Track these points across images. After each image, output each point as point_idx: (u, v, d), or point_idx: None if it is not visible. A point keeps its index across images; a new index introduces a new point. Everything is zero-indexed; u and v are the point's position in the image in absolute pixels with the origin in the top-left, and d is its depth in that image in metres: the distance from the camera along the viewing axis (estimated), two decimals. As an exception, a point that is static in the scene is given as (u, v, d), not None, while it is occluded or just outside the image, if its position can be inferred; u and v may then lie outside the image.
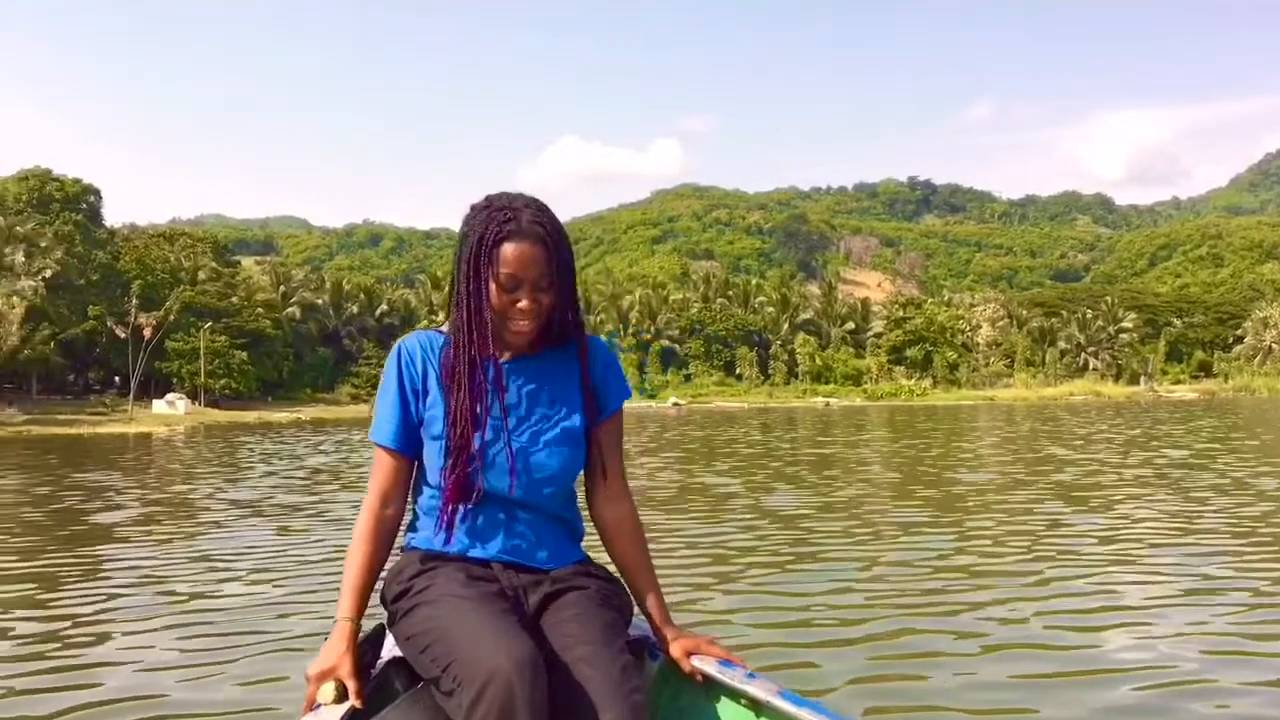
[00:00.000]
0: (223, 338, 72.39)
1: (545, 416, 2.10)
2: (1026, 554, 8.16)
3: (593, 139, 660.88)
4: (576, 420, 2.13)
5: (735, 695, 2.05)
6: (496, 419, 2.05)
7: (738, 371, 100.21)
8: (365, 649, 2.02)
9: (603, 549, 2.25)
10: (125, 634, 5.82)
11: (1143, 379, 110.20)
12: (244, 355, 73.16)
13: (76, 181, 75.01)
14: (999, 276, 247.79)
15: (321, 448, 28.54)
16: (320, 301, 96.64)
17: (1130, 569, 7.51)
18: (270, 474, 18.56)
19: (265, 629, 5.81)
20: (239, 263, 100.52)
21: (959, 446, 23.75)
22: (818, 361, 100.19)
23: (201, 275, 79.56)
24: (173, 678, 4.85)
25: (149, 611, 6.38)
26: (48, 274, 60.79)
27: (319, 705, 1.89)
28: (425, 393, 2.08)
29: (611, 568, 2.22)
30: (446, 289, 2.58)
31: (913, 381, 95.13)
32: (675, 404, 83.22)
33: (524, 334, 2.05)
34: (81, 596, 7.02)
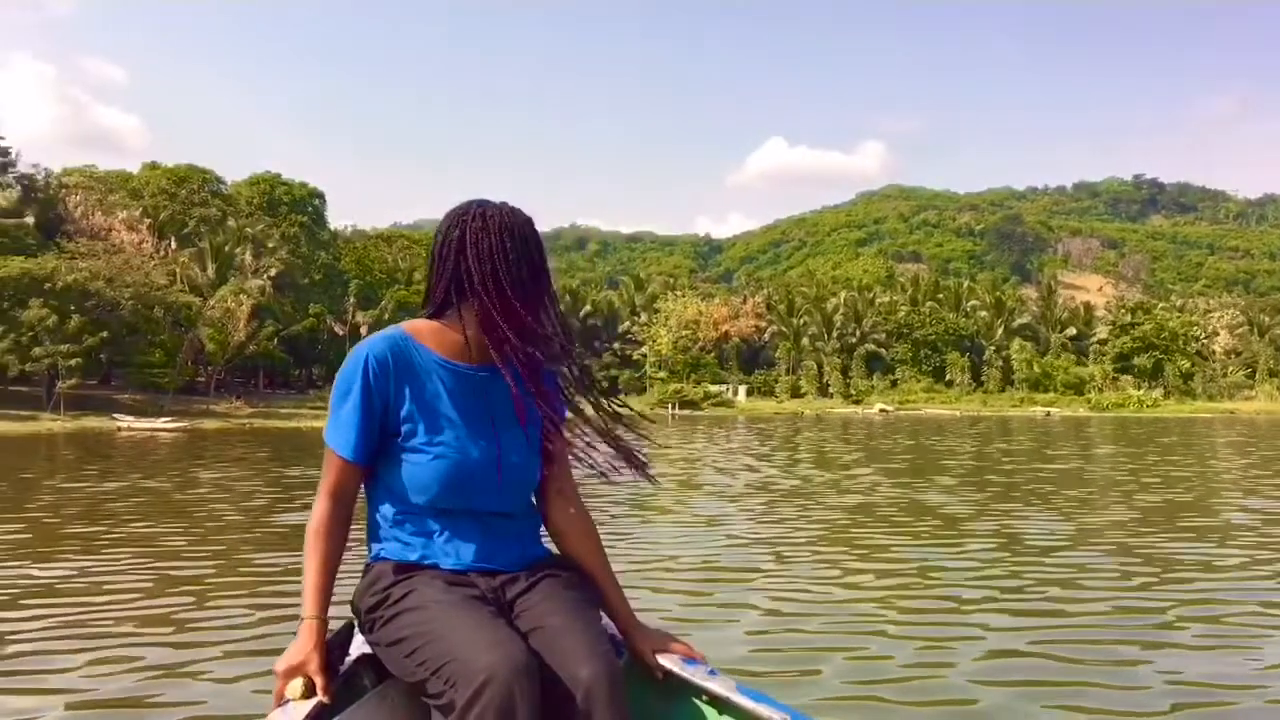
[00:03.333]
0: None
1: (520, 426, 2.11)
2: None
3: (798, 142, 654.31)
4: (538, 429, 2.15)
5: (697, 692, 2.11)
6: (486, 429, 2.06)
7: (948, 378, 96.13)
8: (334, 647, 2.02)
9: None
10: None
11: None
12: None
13: (303, 185, 78.81)
14: (1234, 281, 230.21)
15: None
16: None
17: None
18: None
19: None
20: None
21: (1213, 464, 21.22)
22: (1035, 368, 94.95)
23: (416, 276, 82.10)
24: None
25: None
26: (273, 273, 63.89)
27: (287, 701, 1.90)
28: (399, 403, 2.03)
29: None
30: (425, 288, 2.21)
31: (1141, 391, 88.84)
32: (882, 410, 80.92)
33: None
34: (228, 608, 6.38)
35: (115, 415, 44.23)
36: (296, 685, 1.92)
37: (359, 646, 2.12)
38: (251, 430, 41.57)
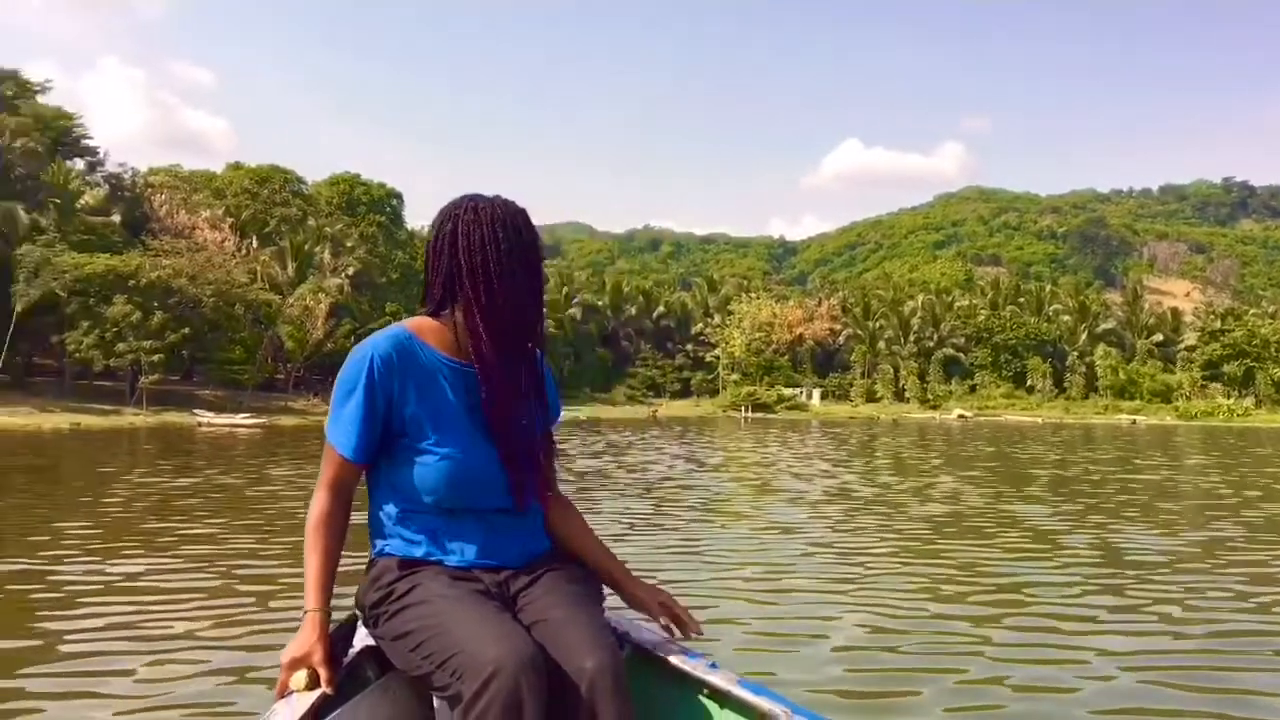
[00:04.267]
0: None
1: (524, 424, 2.11)
2: None
3: (874, 143, 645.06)
4: (539, 426, 2.16)
5: (698, 685, 2.11)
6: (490, 427, 2.05)
7: (1029, 384, 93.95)
8: (337, 639, 2.03)
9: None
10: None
11: None
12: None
13: (381, 186, 79.66)
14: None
15: (594, 448, 28.14)
16: (600, 303, 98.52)
17: None
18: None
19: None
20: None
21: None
22: (1121, 375, 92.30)
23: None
24: None
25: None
26: (351, 271, 64.65)
27: (291, 692, 1.91)
28: (403, 402, 2.01)
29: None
30: (425, 280, 2.16)
31: (1232, 400, 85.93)
32: (960, 416, 79.42)
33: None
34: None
35: (195, 411, 45.01)
36: (300, 677, 1.94)
37: (362, 639, 2.14)
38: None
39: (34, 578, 7.57)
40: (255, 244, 62.82)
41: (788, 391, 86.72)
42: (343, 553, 2.06)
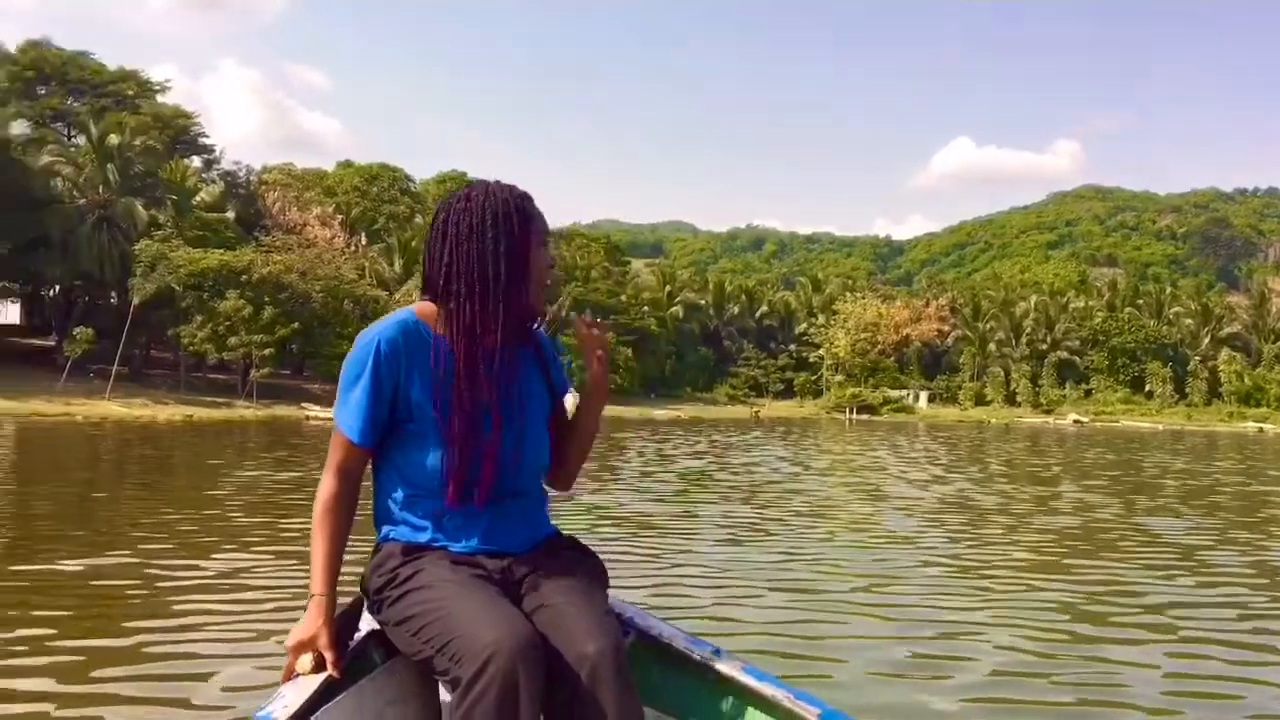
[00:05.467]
0: (610, 334, 74.51)
1: (531, 408, 2.12)
2: None
3: (986, 141, 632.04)
4: (547, 409, 2.20)
5: (702, 670, 2.13)
6: (497, 411, 2.04)
7: (1147, 389, 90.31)
8: (343, 623, 2.04)
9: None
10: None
11: None
12: (629, 352, 75.12)
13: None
14: None
15: (696, 447, 27.65)
16: (703, 302, 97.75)
17: None
18: (645, 474, 17.54)
19: None
20: (629, 263, 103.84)
21: None
22: (1246, 381, 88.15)
23: (594, 274, 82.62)
24: None
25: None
26: (456, 269, 65.10)
27: (297, 675, 1.92)
28: (410, 387, 2.02)
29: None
30: (423, 270, 2.16)
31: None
32: (1075, 421, 76.73)
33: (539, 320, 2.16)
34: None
35: (304, 404, 45.78)
36: (306, 660, 1.94)
37: (368, 623, 2.13)
38: (431, 422, 42.20)
39: (131, 572, 7.37)
40: (364, 241, 63.86)
41: (893, 393, 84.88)
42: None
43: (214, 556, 8.15)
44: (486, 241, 2.01)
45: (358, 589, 2.15)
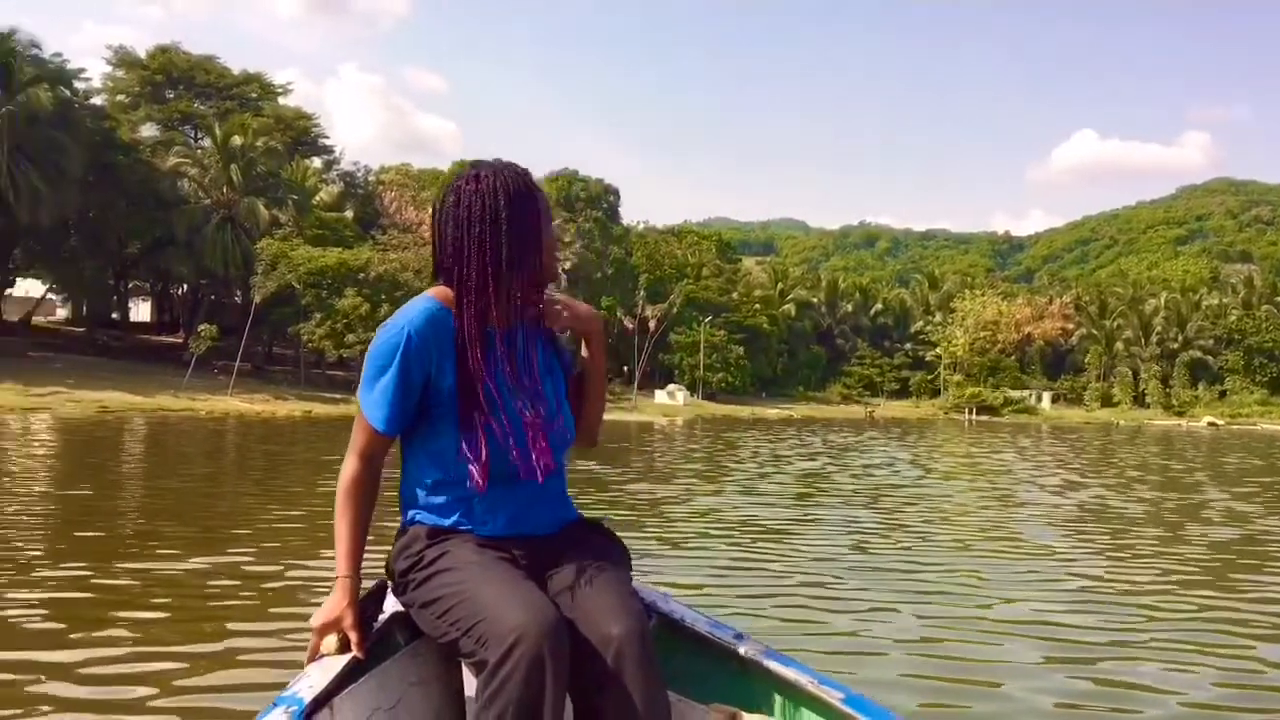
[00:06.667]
0: (721, 332, 74.07)
1: (552, 386, 2.12)
2: None
3: (1110, 134, 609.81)
4: (564, 387, 2.17)
5: (726, 654, 2.14)
6: (523, 392, 2.04)
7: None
8: (367, 604, 2.04)
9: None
10: None
11: None
12: (740, 350, 74.33)
13: (599, 182, 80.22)
14: None
15: (811, 448, 26.90)
16: (815, 300, 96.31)
17: None
18: (761, 476, 16.94)
19: None
20: (740, 261, 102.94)
21: None
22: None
23: (705, 271, 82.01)
24: None
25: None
26: (568, 266, 65.31)
27: (322, 656, 1.94)
28: (441, 375, 2.00)
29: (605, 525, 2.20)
30: (434, 256, 2.15)
31: None
32: (1211, 424, 73.28)
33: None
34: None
35: (418, 400, 46.26)
36: (331, 641, 1.95)
37: (392, 605, 2.12)
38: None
39: (229, 572, 7.12)
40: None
41: (1015, 394, 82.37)
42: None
43: (324, 554, 7.86)
44: (502, 223, 2.00)
45: (382, 572, 2.12)
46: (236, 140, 49.24)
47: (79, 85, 48.43)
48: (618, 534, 2.17)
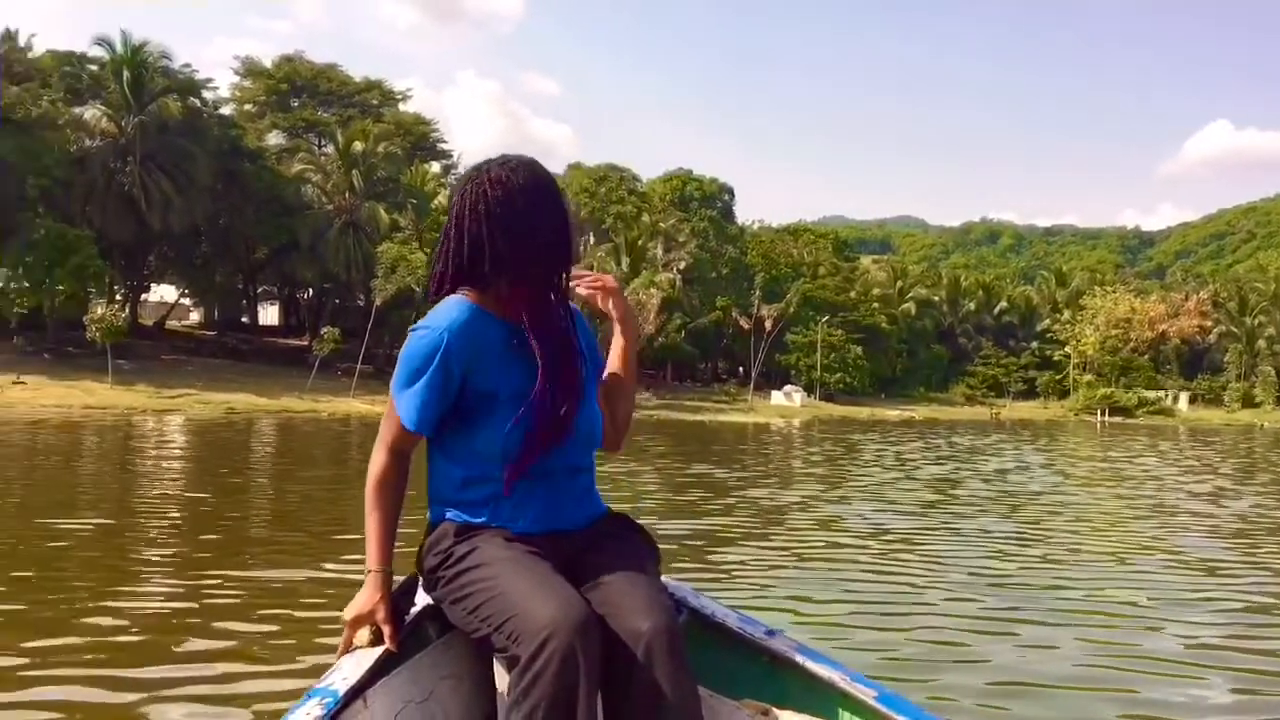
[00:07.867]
0: (839, 332, 72.76)
1: (585, 382, 2.11)
2: None
3: (1246, 124, 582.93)
4: (594, 387, 2.16)
5: (757, 650, 2.13)
6: (555, 386, 2.03)
7: None
8: (399, 598, 2.06)
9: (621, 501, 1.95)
10: None
11: None
12: (858, 350, 72.92)
13: (713, 181, 79.70)
14: None
15: (938, 451, 25.93)
16: (936, 298, 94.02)
17: None
18: (888, 481, 16.23)
19: None
20: (857, 259, 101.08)
21: None
22: None
23: (821, 270, 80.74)
24: None
25: None
26: (682, 266, 64.93)
27: (355, 648, 1.97)
28: (477, 375, 2.01)
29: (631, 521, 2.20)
30: (453, 258, 2.12)
31: None
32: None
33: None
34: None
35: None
36: (364, 634, 1.98)
37: (423, 599, 2.13)
38: (657, 422, 41.83)
39: (310, 587, 6.84)
40: (592, 240, 64.44)
41: (1149, 394, 79.04)
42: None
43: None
44: (533, 218, 2.01)
45: (414, 566, 2.11)
46: (358, 146, 50.24)
47: (207, 95, 50.16)
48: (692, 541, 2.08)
